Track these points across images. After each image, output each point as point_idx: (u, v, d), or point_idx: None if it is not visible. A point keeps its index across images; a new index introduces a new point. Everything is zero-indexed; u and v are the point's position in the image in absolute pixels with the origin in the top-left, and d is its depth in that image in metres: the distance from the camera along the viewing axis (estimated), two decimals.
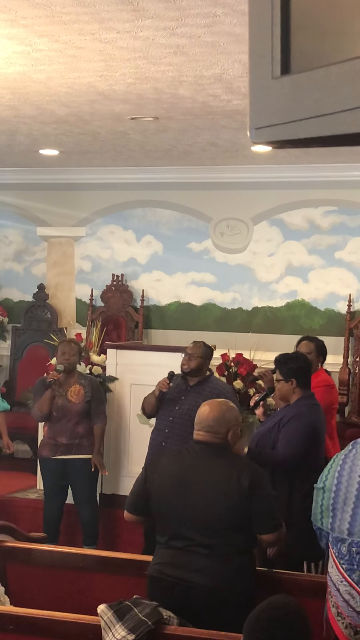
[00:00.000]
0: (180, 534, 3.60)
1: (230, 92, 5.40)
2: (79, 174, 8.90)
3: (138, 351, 7.01)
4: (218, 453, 3.70)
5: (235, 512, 3.57)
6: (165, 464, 3.81)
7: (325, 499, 3.21)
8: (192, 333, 8.01)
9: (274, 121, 1.08)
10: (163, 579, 3.59)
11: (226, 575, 3.53)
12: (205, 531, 3.56)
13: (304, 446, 4.53)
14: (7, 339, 9.09)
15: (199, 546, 3.56)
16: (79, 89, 5.40)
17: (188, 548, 3.57)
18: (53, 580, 4.13)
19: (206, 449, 3.71)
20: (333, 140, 1.06)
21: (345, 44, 1.01)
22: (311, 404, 4.67)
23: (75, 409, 6.04)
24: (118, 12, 3.94)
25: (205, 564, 3.53)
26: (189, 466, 3.72)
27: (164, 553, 3.65)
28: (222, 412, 3.75)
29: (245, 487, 3.56)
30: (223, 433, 3.71)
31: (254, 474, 3.65)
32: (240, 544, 3.60)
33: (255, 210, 8.40)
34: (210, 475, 3.65)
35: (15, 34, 4.32)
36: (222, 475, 3.64)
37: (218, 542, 3.56)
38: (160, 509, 3.70)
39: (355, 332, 7.92)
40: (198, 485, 3.63)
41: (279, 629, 2.41)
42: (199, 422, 3.76)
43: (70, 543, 5.90)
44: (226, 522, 3.57)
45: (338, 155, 7.41)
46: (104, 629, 3.22)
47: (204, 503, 3.58)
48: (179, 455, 3.87)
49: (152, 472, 3.79)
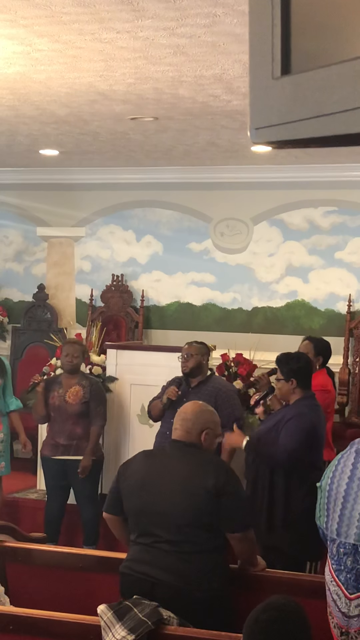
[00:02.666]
0: (148, 531, 3.62)
1: (230, 92, 5.40)
2: (79, 174, 8.90)
3: (138, 351, 7.01)
4: (190, 451, 3.71)
5: (202, 511, 3.57)
6: (136, 461, 3.83)
7: (322, 498, 3.22)
8: (192, 333, 8.01)
9: (274, 121, 1.08)
10: (131, 574, 3.60)
11: (191, 573, 3.53)
12: (172, 528, 3.57)
13: (302, 444, 4.52)
14: (7, 339, 9.10)
15: (164, 543, 3.57)
16: (79, 89, 5.40)
17: (154, 544, 3.59)
18: (53, 580, 4.13)
19: (179, 447, 3.73)
20: (333, 141, 1.06)
21: (345, 44, 1.01)
22: (311, 404, 4.67)
23: (71, 410, 6.04)
24: (118, 12, 3.94)
25: (170, 561, 3.54)
26: (159, 464, 3.75)
27: (133, 550, 3.68)
28: (199, 411, 3.79)
29: (212, 485, 3.56)
30: (197, 431, 3.72)
31: (222, 472, 3.64)
32: (207, 542, 3.58)
33: (255, 210, 8.40)
34: (179, 472, 3.66)
35: (15, 34, 4.32)
36: (190, 473, 3.64)
37: (183, 540, 3.56)
38: (130, 506, 3.72)
39: (355, 332, 7.92)
40: (166, 482, 3.64)
41: (277, 630, 2.41)
42: (178, 414, 3.82)
43: (71, 543, 5.90)
44: (192, 520, 3.57)
45: (338, 155, 7.41)
46: (103, 629, 3.22)
47: (171, 500, 3.59)
48: (151, 454, 3.91)
49: (125, 470, 3.82)
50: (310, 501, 4.53)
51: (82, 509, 6.11)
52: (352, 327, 7.92)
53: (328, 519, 3.13)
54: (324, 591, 3.38)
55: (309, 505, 4.54)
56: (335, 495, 3.11)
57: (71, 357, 6.07)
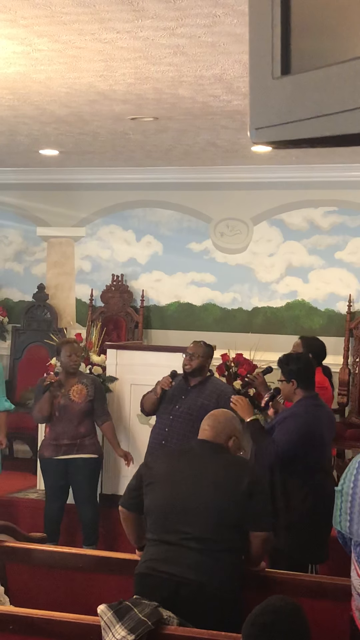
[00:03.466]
0: (174, 528, 3.61)
1: (230, 92, 5.41)
2: (79, 174, 8.90)
3: (138, 351, 7.01)
4: (217, 451, 3.75)
5: (231, 510, 3.59)
6: (162, 460, 3.86)
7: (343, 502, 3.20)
8: (192, 333, 8.01)
9: (274, 121, 1.08)
10: (153, 575, 3.58)
11: (217, 572, 3.53)
12: (201, 526, 3.57)
13: (294, 445, 4.50)
14: (7, 339, 9.09)
15: (192, 540, 3.56)
16: (79, 89, 5.40)
17: (180, 542, 3.57)
18: (53, 580, 4.13)
19: (207, 447, 3.76)
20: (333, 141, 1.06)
21: (346, 44, 1.01)
22: (310, 405, 4.66)
23: (78, 408, 6.04)
24: (118, 12, 3.94)
25: (198, 560, 3.54)
26: (190, 462, 3.76)
27: (153, 549, 3.65)
28: (232, 417, 3.97)
29: (244, 485, 3.60)
30: (225, 436, 3.81)
31: (253, 473, 3.72)
32: (234, 542, 3.61)
33: (255, 210, 8.40)
34: (212, 472, 3.68)
35: (15, 34, 4.32)
36: (221, 472, 3.67)
37: (212, 538, 3.56)
38: (155, 504, 3.70)
39: (355, 332, 7.92)
40: (196, 480, 3.65)
41: (275, 632, 2.40)
42: (207, 421, 3.86)
43: (70, 543, 5.90)
44: (222, 519, 3.59)
45: (338, 155, 7.41)
46: (103, 629, 3.22)
47: (204, 499, 3.60)
48: (178, 452, 3.91)
49: (149, 469, 3.81)
50: (312, 502, 4.54)
51: (82, 509, 6.10)
52: (352, 327, 7.92)
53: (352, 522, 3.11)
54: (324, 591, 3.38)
55: (310, 507, 4.55)
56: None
57: (75, 356, 6.09)
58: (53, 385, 6.02)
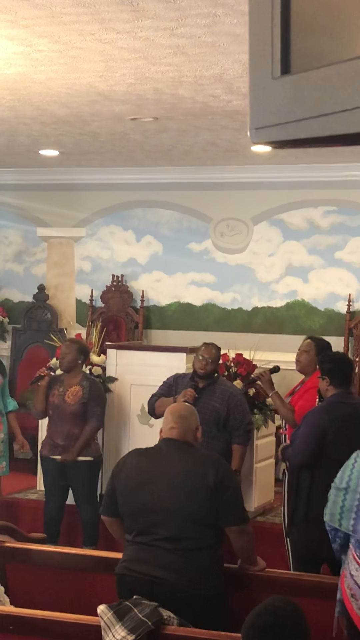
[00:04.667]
0: (147, 530, 3.62)
1: (230, 92, 5.41)
2: (79, 175, 8.90)
3: (138, 351, 7.01)
4: (184, 449, 3.76)
5: (201, 507, 3.60)
6: (131, 461, 3.85)
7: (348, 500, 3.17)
8: (192, 333, 8.02)
9: (274, 121, 1.08)
10: (129, 575, 3.60)
11: (192, 570, 3.54)
12: (173, 526, 3.58)
13: (305, 444, 4.58)
14: (7, 339, 9.09)
15: (163, 541, 3.58)
16: (79, 89, 5.40)
17: (153, 543, 3.59)
18: (53, 580, 4.13)
19: (173, 446, 3.77)
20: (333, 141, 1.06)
21: (345, 44, 1.01)
22: (333, 402, 4.71)
23: (70, 410, 6.02)
24: (118, 12, 3.94)
25: (171, 559, 3.55)
26: (157, 462, 3.77)
27: (130, 550, 3.68)
28: (192, 409, 3.97)
29: (212, 481, 3.61)
30: (193, 429, 3.82)
31: (219, 467, 3.71)
32: (206, 539, 3.61)
33: (255, 210, 8.40)
34: (179, 470, 3.69)
35: (16, 35, 4.32)
36: (190, 470, 3.69)
37: (184, 537, 3.58)
38: (127, 506, 3.73)
39: (354, 332, 7.92)
40: (165, 480, 3.67)
41: (275, 633, 2.40)
42: (170, 416, 3.84)
43: (71, 543, 5.90)
44: (194, 517, 3.60)
45: (338, 155, 7.41)
46: (104, 630, 3.22)
47: (172, 498, 3.62)
48: (145, 453, 3.91)
49: (119, 471, 3.83)
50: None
51: (81, 510, 6.10)
52: (351, 327, 7.93)
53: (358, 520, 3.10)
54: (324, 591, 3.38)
55: None
56: None
57: (63, 355, 6.08)
58: (44, 380, 6.04)
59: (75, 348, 6.14)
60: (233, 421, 5.62)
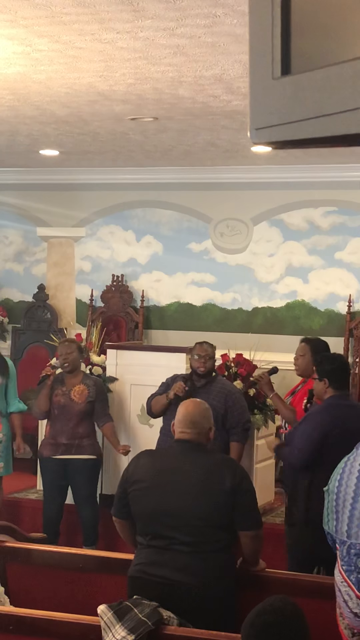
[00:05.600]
0: (162, 533, 3.60)
1: (230, 92, 5.41)
2: (79, 174, 8.90)
3: (138, 351, 7.01)
4: (198, 451, 3.73)
5: (217, 510, 3.58)
6: (143, 464, 3.80)
7: (329, 501, 3.21)
8: (192, 333, 8.01)
9: (274, 122, 1.08)
10: (144, 578, 3.58)
11: (208, 573, 3.54)
12: (187, 529, 3.57)
13: (307, 444, 4.58)
14: (7, 339, 9.09)
15: (180, 544, 3.56)
16: (79, 89, 5.40)
17: (169, 547, 3.57)
18: (53, 580, 4.13)
19: (187, 448, 3.72)
20: (333, 141, 1.06)
21: (345, 44, 1.01)
22: (333, 404, 4.70)
23: (77, 409, 6.04)
24: (118, 12, 3.94)
25: (187, 562, 3.54)
26: (170, 465, 3.73)
27: (145, 553, 3.65)
28: (205, 409, 3.82)
29: (228, 484, 3.59)
30: (206, 430, 3.75)
31: (236, 470, 3.69)
32: (222, 541, 3.60)
33: (255, 210, 8.40)
34: (192, 473, 3.66)
35: (16, 35, 4.32)
36: (203, 472, 3.65)
37: (199, 540, 3.56)
38: (141, 509, 3.70)
39: (355, 332, 7.92)
40: (179, 483, 3.64)
41: (275, 633, 2.40)
42: (182, 420, 3.76)
43: (70, 543, 5.90)
44: (208, 520, 3.58)
45: (338, 155, 7.41)
46: (104, 630, 3.22)
47: (188, 501, 3.59)
48: (159, 456, 3.88)
49: (131, 474, 3.78)
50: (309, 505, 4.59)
51: (81, 509, 6.10)
52: (352, 327, 7.93)
53: (337, 521, 3.13)
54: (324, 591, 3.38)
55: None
56: (344, 497, 3.11)
57: (65, 355, 6.07)
58: (49, 379, 6.02)
59: (76, 347, 6.17)
60: (231, 419, 5.60)
